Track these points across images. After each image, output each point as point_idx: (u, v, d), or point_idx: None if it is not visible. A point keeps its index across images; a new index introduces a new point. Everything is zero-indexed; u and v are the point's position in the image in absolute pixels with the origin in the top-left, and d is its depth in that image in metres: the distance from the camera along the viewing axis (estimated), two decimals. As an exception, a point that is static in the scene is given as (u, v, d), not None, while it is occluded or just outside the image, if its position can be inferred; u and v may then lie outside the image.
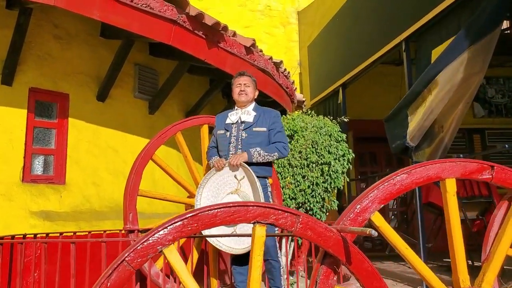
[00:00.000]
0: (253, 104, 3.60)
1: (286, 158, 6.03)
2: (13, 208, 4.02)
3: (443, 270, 6.03)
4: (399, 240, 1.87)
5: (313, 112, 7.54)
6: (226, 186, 3.40)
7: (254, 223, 1.66)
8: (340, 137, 6.36)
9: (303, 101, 9.18)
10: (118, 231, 3.67)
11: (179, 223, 1.60)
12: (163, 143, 3.76)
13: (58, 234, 3.81)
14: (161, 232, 1.57)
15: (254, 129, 3.52)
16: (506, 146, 4.79)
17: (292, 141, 6.09)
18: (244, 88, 3.51)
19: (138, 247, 1.56)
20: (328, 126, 6.42)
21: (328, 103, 8.92)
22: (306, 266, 5.04)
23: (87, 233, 3.85)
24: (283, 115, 6.45)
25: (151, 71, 5.57)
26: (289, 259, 6.19)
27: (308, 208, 6.04)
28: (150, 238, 1.56)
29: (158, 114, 5.59)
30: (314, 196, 6.02)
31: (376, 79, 9.42)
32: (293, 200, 5.97)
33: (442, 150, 4.50)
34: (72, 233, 3.85)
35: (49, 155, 4.47)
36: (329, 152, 6.08)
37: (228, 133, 3.48)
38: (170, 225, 1.58)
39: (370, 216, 1.86)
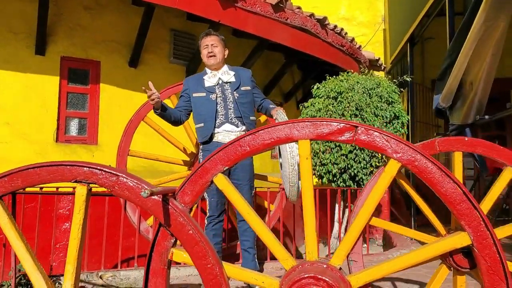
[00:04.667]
0: (225, 65, 3.50)
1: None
2: (47, 165, 4.51)
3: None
4: (243, 204, 1.76)
5: (371, 71, 7.03)
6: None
7: (74, 182, 1.69)
8: (391, 98, 5.88)
9: (377, 60, 8.57)
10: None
11: (2, 178, 1.69)
12: (156, 106, 3.86)
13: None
14: (-17, 187, 1.68)
15: (242, 88, 3.45)
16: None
17: (335, 103, 5.79)
18: (212, 49, 3.38)
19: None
20: (383, 87, 5.96)
21: (403, 61, 8.22)
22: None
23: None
24: (334, 76, 6.14)
25: (189, 36, 5.68)
26: (343, 226, 6.04)
27: (352, 174, 5.75)
28: (-28, 193, 1.68)
29: (197, 78, 5.71)
30: (358, 161, 5.71)
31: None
32: (335, 165, 5.73)
33: (476, 110, 3.92)
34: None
35: (83, 118, 4.89)
36: (376, 115, 5.67)
37: (213, 95, 3.39)
38: (-7, 180, 1.68)
39: (213, 178, 1.77)
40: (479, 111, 3.95)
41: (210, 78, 3.41)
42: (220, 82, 3.41)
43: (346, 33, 6.92)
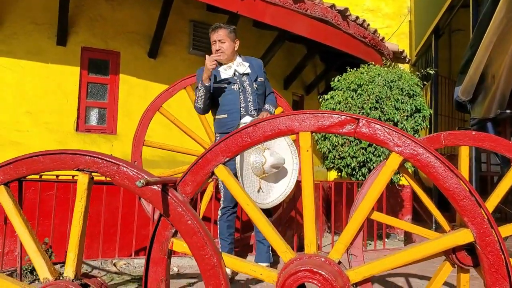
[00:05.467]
0: (238, 56, 3.47)
1: (346, 114, 5.73)
2: (67, 154, 4.61)
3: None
4: (242, 195, 1.76)
5: (394, 63, 6.90)
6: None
7: (76, 170, 1.72)
8: (413, 91, 5.75)
9: (401, 52, 8.39)
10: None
11: (8, 166, 1.73)
12: (171, 97, 3.89)
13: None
14: (-11, 174, 1.72)
15: (259, 79, 3.45)
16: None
17: (355, 96, 5.71)
18: (219, 46, 3.36)
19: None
20: (405, 80, 5.83)
21: (428, 54, 8.03)
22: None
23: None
24: (355, 68, 6.05)
25: (208, 27, 5.58)
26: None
27: (372, 167, 5.67)
28: (-21, 178, 1.72)
29: (217, 70, 5.71)
30: (378, 155, 5.63)
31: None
32: (354, 159, 5.66)
33: (498, 104, 3.80)
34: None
35: (102, 108, 4.97)
36: (396, 108, 5.56)
37: (235, 86, 3.38)
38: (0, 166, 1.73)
39: (214, 169, 1.77)
40: (501, 105, 3.84)
41: (226, 70, 3.40)
42: (237, 74, 3.40)
43: (368, 25, 6.79)
